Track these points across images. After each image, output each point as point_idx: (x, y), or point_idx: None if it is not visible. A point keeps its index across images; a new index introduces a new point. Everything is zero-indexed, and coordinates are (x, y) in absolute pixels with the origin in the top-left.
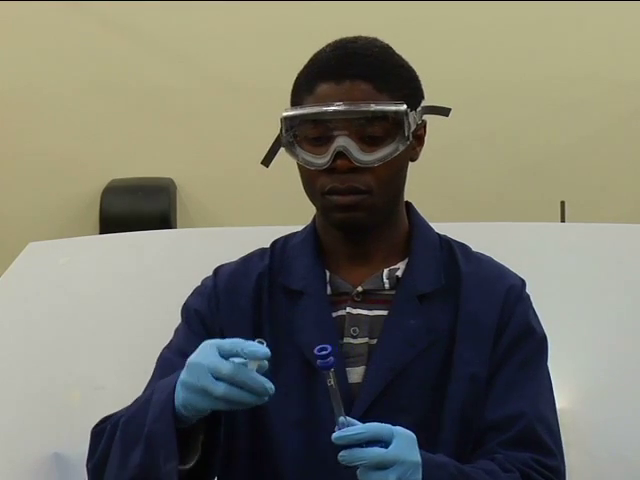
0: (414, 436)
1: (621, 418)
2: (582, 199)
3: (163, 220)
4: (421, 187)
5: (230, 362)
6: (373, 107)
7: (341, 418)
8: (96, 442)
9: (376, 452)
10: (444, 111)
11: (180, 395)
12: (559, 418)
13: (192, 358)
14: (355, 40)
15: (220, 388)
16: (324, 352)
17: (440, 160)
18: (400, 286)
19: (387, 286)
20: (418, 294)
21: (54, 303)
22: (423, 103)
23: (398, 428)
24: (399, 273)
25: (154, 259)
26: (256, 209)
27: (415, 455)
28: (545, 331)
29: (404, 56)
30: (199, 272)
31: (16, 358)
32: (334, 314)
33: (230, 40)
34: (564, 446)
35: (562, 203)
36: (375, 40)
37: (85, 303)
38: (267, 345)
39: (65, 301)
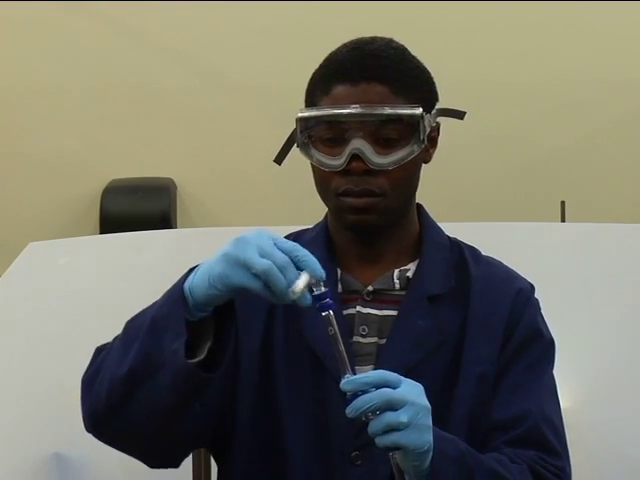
0: (421, 385)
1: (621, 418)
2: (582, 199)
3: (163, 220)
4: (421, 187)
5: (283, 255)
6: (388, 110)
7: (347, 374)
8: (95, 356)
9: (384, 391)
10: (459, 114)
11: (216, 266)
12: None
13: (242, 236)
14: (372, 41)
15: (264, 263)
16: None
17: (440, 160)
18: (410, 287)
19: (397, 286)
20: (428, 295)
21: (54, 303)
22: (437, 105)
23: (406, 378)
24: (409, 274)
25: (154, 259)
26: (256, 209)
27: (424, 400)
28: None
29: None
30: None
31: (16, 358)
32: (344, 312)
33: (230, 40)
34: None
35: (562, 203)
36: (391, 41)
37: (85, 303)
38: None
39: (65, 301)
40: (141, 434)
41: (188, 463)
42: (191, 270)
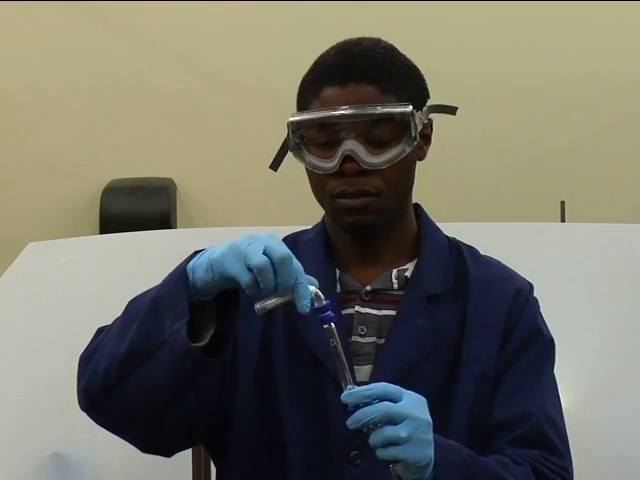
0: (424, 399)
1: (621, 418)
2: (582, 199)
3: (163, 220)
4: (420, 187)
5: (287, 252)
6: (379, 110)
7: (349, 386)
8: (96, 336)
9: (384, 405)
10: (450, 110)
11: (218, 251)
12: None
13: (256, 233)
14: (359, 42)
15: (262, 259)
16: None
17: (440, 160)
18: (409, 287)
19: (396, 286)
20: (427, 295)
21: (54, 303)
22: (429, 102)
23: (408, 390)
24: (408, 274)
25: (154, 259)
26: (256, 209)
27: (425, 414)
28: None
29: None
30: None
31: (16, 358)
32: (343, 312)
33: (231, 40)
34: None
35: (562, 203)
36: (379, 41)
37: (85, 303)
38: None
39: (65, 301)
40: (135, 416)
41: (188, 463)
42: (197, 252)
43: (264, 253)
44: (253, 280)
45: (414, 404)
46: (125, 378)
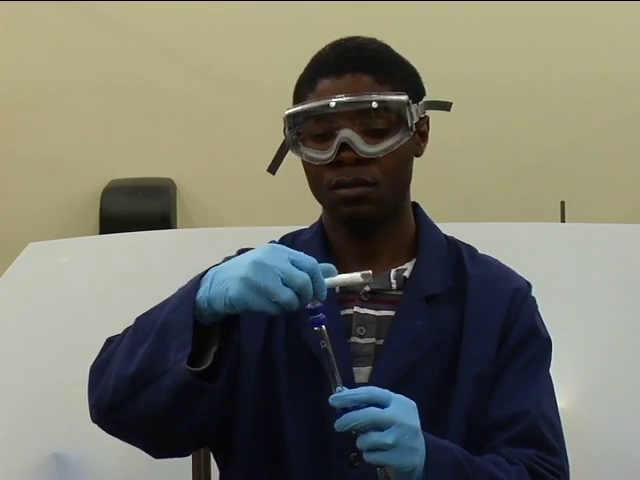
0: (414, 403)
1: (621, 418)
2: (582, 199)
3: (163, 220)
4: (420, 187)
5: (304, 273)
6: (375, 97)
7: (338, 388)
8: (105, 346)
9: (371, 411)
10: (445, 106)
11: (236, 289)
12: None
13: (257, 257)
14: (354, 38)
15: (286, 294)
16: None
17: (440, 160)
18: (407, 287)
19: (394, 286)
20: (425, 295)
21: (54, 303)
22: (425, 99)
23: (397, 395)
24: (406, 274)
25: (154, 259)
26: (256, 209)
27: (414, 420)
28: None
29: (404, 56)
30: (199, 272)
31: (16, 358)
32: (342, 312)
33: (231, 40)
34: None
35: (562, 203)
36: (374, 39)
37: (85, 303)
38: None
39: (65, 301)
40: (144, 430)
41: (188, 463)
42: (204, 273)
43: (284, 283)
44: (281, 309)
45: (402, 410)
46: (132, 398)
